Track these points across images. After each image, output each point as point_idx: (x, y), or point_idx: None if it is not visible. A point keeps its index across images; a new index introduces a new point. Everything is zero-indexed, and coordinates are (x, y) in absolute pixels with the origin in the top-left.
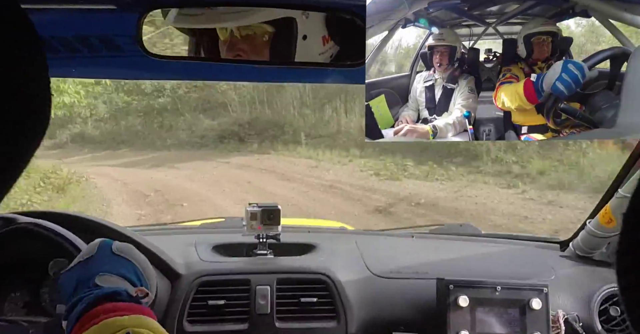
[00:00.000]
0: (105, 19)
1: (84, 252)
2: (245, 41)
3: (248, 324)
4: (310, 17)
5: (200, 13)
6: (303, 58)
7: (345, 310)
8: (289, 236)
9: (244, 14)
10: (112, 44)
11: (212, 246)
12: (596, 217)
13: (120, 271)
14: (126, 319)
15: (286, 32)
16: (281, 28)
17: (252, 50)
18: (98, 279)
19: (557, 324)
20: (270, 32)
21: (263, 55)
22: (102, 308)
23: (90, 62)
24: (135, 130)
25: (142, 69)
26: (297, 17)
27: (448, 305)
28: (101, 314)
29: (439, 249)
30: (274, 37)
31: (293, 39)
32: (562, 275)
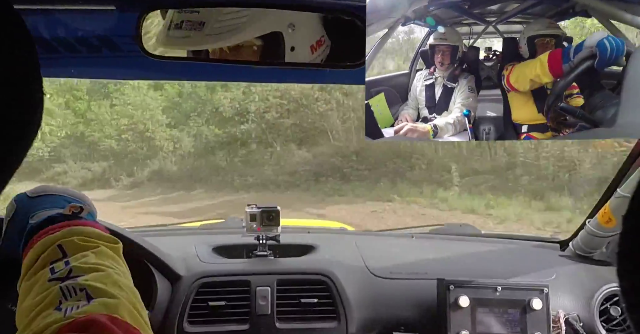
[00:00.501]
0: (105, 19)
1: (6, 213)
2: (233, 54)
3: (248, 325)
4: (296, 29)
5: (186, 35)
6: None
7: (346, 311)
8: (289, 237)
9: (230, 34)
10: (112, 44)
11: (212, 248)
12: (595, 217)
13: (47, 205)
14: (58, 234)
15: (273, 45)
16: (269, 42)
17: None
18: (32, 220)
19: (557, 324)
20: (259, 45)
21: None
22: (37, 235)
23: (90, 62)
24: (216, 166)
25: (142, 69)
26: (283, 30)
27: (448, 305)
28: (36, 239)
29: (439, 249)
30: (262, 50)
31: (281, 51)
32: (562, 275)
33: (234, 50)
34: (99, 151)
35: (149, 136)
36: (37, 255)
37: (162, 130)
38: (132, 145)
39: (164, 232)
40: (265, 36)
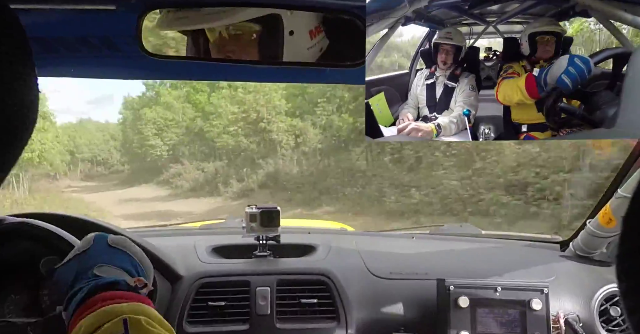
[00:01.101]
0: (105, 19)
1: (79, 246)
2: (233, 41)
3: (248, 325)
4: (295, 12)
5: (185, 15)
6: (292, 54)
7: (346, 311)
8: (289, 237)
9: (229, 12)
10: (112, 43)
11: (212, 248)
12: (596, 217)
13: (118, 262)
14: (124, 306)
15: (272, 29)
16: (267, 25)
17: (240, 50)
18: (97, 270)
19: (557, 324)
20: (258, 31)
21: (251, 54)
22: (101, 297)
23: (90, 62)
24: (351, 168)
25: (142, 69)
26: (282, 13)
27: (448, 306)
28: (99, 302)
29: (439, 249)
30: (260, 35)
31: (280, 35)
32: (562, 275)
33: (233, 38)
34: (215, 148)
35: (263, 127)
36: (99, 322)
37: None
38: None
39: (164, 232)
40: (264, 19)
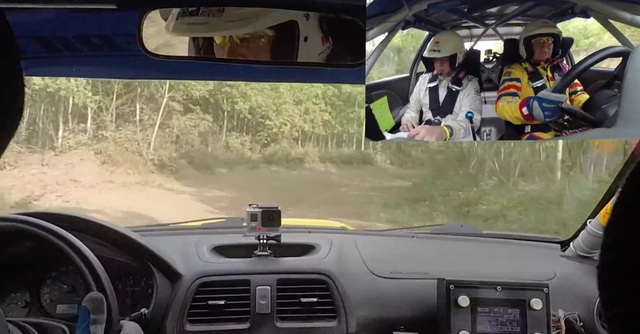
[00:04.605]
0: (106, 18)
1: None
2: (244, 45)
3: (249, 324)
4: (310, 18)
5: (204, 22)
6: (303, 59)
7: (346, 310)
8: (290, 236)
9: (251, 20)
10: (113, 43)
11: (212, 247)
12: (597, 217)
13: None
14: None
15: (289, 34)
16: (283, 31)
17: (251, 53)
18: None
19: (557, 324)
20: (270, 35)
21: (263, 58)
22: None
23: (90, 62)
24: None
25: (142, 68)
26: (299, 19)
27: (448, 305)
28: None
29: (439, 249)
30: (275, 40)
31: (295, 41)
32: (562, 275)
33: (244, 42)
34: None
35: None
36: None
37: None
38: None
39: (165, 231)
40: (281, 26)
